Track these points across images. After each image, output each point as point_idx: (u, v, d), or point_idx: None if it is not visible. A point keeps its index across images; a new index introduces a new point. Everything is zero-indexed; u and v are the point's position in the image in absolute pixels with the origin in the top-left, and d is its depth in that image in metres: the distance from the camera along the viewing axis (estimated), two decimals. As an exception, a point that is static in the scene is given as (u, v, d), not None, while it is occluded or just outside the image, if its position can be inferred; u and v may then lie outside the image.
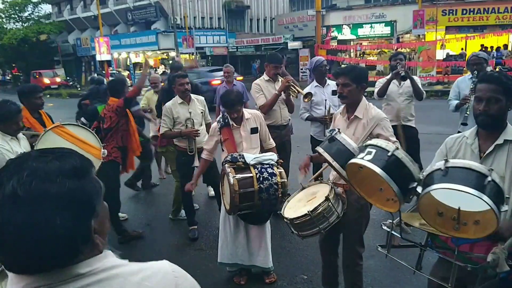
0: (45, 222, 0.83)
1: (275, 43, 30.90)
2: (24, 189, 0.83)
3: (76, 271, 0.89)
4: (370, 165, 2.15)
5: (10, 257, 0.86)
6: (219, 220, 3.81)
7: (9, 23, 40.41)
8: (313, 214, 2.74)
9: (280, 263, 4.01)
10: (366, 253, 3.29)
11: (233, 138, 3.72)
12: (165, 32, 32.78)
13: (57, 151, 0.93)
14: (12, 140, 3.39)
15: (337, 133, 2.71)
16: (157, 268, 0.99)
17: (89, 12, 39.73)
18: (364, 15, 24.96)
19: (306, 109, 5.09)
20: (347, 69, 3.08)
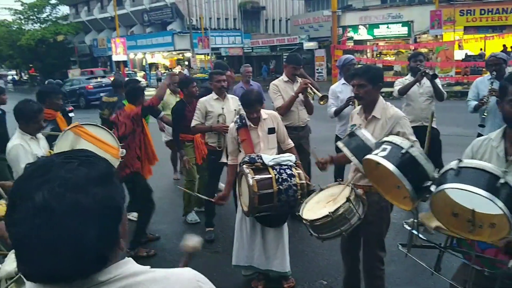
0: (79, 234, 0.80)
1: (291, 43, 30.86)
2: (58, 201, 0.79)
3: (96, 279, 0.86)
4: (383, 162, 2.16)
5: (36, 268, 0.82)
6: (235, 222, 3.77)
7: (28, 24, 41.22)
8: (334, 215, 2.69)
9: (299, 268, 3.94)
10: (387, 257, 3.20)
11: (250, 138, 3.67)
12: (181, 33, 33.05)
13: (80, 155, 0.90)
14: (31, 140, 3.40)
15: (357, 128, 2.72)
16: (180, 276, 0.96)
17: (106, 13, 40.28)
18: (381, 15, 24.76)
19: (334, 105, 5.00)
20: (362, 70, 3.03)
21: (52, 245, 0.79)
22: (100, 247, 0.84)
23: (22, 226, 0.80)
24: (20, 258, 0.84)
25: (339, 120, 5.11)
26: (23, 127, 3.40)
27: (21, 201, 0.81)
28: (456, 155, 2.49)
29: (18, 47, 38.39)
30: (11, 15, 41.14)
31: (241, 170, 3.40)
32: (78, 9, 45.79)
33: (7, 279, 1.96)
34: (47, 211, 0.79)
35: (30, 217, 0.79)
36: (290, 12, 40.04)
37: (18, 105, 3.46)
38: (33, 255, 0.81)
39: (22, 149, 3.25)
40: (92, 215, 0.82)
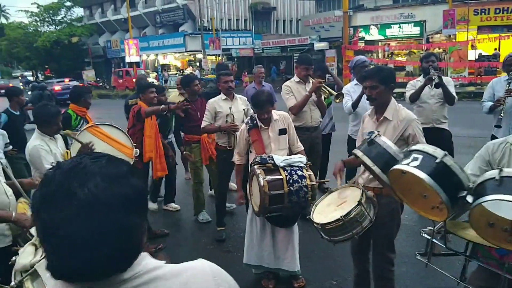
0: (124, 223, 0.85)
1: (301, 44, 30.78)
2: (105, 193, 0.83)
3: (120, 277, 0.88)
4: (417, 173, 2.07)
5: (77, 266, 0.83)
6: (246, 222, 3.80)
7: (43, 26, 41.80)
8: (346, 219, 2.68)
9: (309, 268, 3.96)
10: (398, 259, 3.21)
11: (261, 139, 3.70)
12: (193, 34, 33.20)
13: (102, 155, 0.94)
14: (50, 140, 3.48)
15: (376, 136, 2.63)
16: (196, 268, 0.99)
17: (119, 15, 40.67)
18: (392, 15, 24.56)
19: (350, 100, 4.99)
20: (374, 71, 3.02)
21: (99, 239, 0.81)
22: (139, 236, 0.89)
23: (69, 225, 0.81)
24: (59, 257, 0.84)
25: (352, 120, 5.11)
26: (42, 129, 3.49)
27: (63, 200, 0.82)
28: (469, 157, 2.49)
29: (35, 48, 38.95)
30: (27, 17, 41.92)
31: (253, 170, 3.44)
32: (92, 11, 46.31)
33: (22, 272, 1.97)
34: (94, 206, 0.82)
35: (76, 213, 0.81)
36: (301, 13, 39.93)
37: (37, 109, 3.57)
38: (78, 252, 0.82)
39: (42, 149, 3.33)
40: (133, 203, 0.87)
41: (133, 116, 4.77)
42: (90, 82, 36.50)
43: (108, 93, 30.28)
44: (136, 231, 0.88)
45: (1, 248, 2.66)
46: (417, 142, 2.80)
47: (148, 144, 4.68)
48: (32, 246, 2.03)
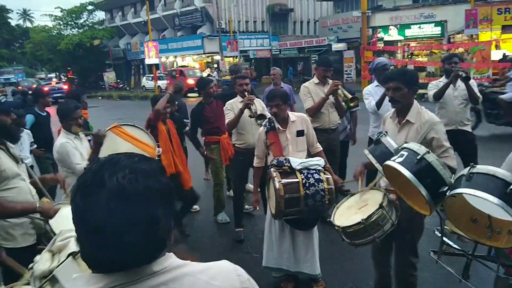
0: (150, 215, 0.89)
1: (319, 45, 30.65)
2: (132, 185, 0.88)
3: (150, 269, 0.92)
4: (399, 167, 2.20)
5: (108, 254, 0.88)
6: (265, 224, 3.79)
7: (66, 30, 42.68)
8: (367, 222, 2.65)
9: (329, 271, 3.92)
10: (421, 264, 3.15)
11: (279, 141, 3.68)
12: (210, 36, 33.43)
13: (137, 155, 0.99)
14: (75, 139, 3.55)
15: (383, 135, 2.72)
16: (220, 267, 1.03)
17: (139, 18, 41.22)
18: (412, 15, 24.22)
19: (373, 99, 4.92)
20: (398, 73, 3.00)
21: (127, 226, 0.86)
22: (165, 229, 0.92)
23: (98, 212, 0.86)
24: (91, 244, 0.89)
25: (373, 121, 5.05)
26: (65, 126, 3.57)
27: (95, 189, 0.88)
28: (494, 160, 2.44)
29: (58, 51, 39.80)
30: (51, 21, 42.80)
31: (269, 173, 3.42)
32: (113, 14, 47.10)
33: (41, 278, 1.99)
34: (122, 195, 0.87)
35: (106, 201, 0.86)
36: (319, 14, 39.72)
37: (58, 106, 3.68)
38: (108, 239, 0.87)
39: (70, 146, 3.40)
40: (159, 198, 0.91)
41: (147, 122, 4.64)
42: (110, 83, 37.11)
43: (128, 94, 30.71)
44: (160, 225, 0.90)
45: (27, 246, 2.73)
46: (440, 145, 2.77)
47: (164, 159, 4.46)
48: (48, 253, 2.06)
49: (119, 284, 0.89)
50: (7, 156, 2.69)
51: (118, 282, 0.89)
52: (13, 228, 2.70)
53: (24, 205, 2.64)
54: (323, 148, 3.98)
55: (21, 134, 4.70)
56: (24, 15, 73.17)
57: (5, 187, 2.63)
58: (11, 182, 2.67)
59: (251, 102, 4.41)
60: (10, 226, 2.69)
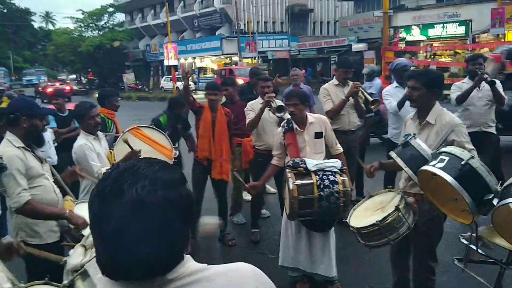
0: (167, 227, 0.88)
1: (339, 45, 30.43)
2: (150, 196, 0.87)
3: (165, 277, 0.91)
4: (441, 173, 2.10)
5: (122, 263, 0.87)
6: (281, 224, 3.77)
7: (87, 32, 43.64)
8: (382, 224, 2.63)
9: (345, 273, 3.87)
10: (439, 268, 3.09)
11: (296, 142, 3.66)
12: (229, 38, 33.56)
13: (158, 162, 0.98)
14: (94, 140, 3.60)
15: (412, 138, 2.65)
16: (238, 270, 1.01)
17: (158, 19, 41.76)
18: (436, 15, 23.77)
19: (393, 99, 4.83)
20: (419, 72, 2.97)
21: (143, 238, 0.86)
22: (180, 241, 0.92)
23: (115, 221, 0.86)
24: (106, 252, 0.89)
25: (392, 123, 4.98)
26: (83, 126, 3.62)
27: (114, 198, 0.88)
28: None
29: (79, 53, 40.66)
30: (73, 23, 43.90)
31: (285, 174, 3.41)
32: (133, 16, 47.86)
33: (73, 272, 2.06)
34: (140, 207, 0.86)
35: (124, 211, 0.86)
36: (339, 14, 39.41)
37: (75, 107, 3.76)
38: (123, 249, 0.86)
39: (88, 148, 3.46)
40: (178, 209, 0.90)
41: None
42: (130, 85, 37.66)
43: (147, 95, 31.13)
44: (177, 237, 0.90)
45: (51, 243, 2.83)
46: (462, 147, 2.68)
47: (200, 143, 4.63)
48: (81, 247, 2.13)
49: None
50: (32, 156, 2.81)
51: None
52: (37, 225, 2.81)
53: (54, 210, 2.77)
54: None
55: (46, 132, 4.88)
56: (47, 17, 75.02)
57: (31, 185, 2.73)
58: (37, 181, 2.77)
59: (271, 100, 4.36)
60: (35, 223, 2.80)
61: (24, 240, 2.78)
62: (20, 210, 2.65)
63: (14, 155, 2.65)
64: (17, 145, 2.72)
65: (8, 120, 2.78)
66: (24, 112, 2.76)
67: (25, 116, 2.74)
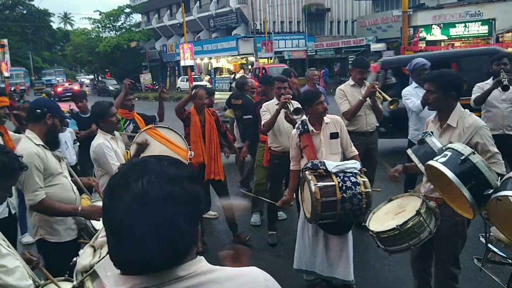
0: (170, 221, 0.89)
1: (357, 45, 30.16)
2: (155, 190, 0.88)
3: (176, 274, 0.92)
4: (441, 167, 2.15)
5: (128, 255, 0.90)
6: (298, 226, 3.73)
7: (105, 32, 44.25)
8: (402, 228, 2.59)
9: (363, 278, 3.80)
10: (463, 274, 2.99)
11: (312, 144, 3.61)
12: (245, 38, 33.56)
13: (169, 158, 1.00)
14: (111, 139, 3.63)
15: (427, 135, 2.65)
16: (249, 275, 1.00)
17: (174, 20, 42.09)
18: (457, 14, 23.32)
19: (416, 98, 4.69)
20: (434, 76, 2.88)
21: (146, 230, 0.87)
22: (185, 237, 0.91)
23: (120, 212, 0.89)
24: (114, 244, 0.92)
25: (413, 124, 4.87)
26: (103, 126, 3.64)
27: (121, 190, 0.91)
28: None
29: (96, 53, 41.33)
30: (90, 24, 44.61)
31: (304, 176, 3.36)
32: (150, 17, 48.34)
33: (83, 272, 2.08)
34: (144, 199, 0.88)
35: (129, 204, 0.88)
36: (357, 13, 39.04)
37: (92, 107, 3.78)
38: (127, 241, 0.89)
39: (106, 147, 3.49)
40: (182, 205, 0.91)
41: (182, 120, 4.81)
42: (146, 85, 38.00)
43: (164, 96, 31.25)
44: (180, 233, 0.90)
45: (69, 241, 2.91)
46: (486, 150, 2.63)
47: (194, 149, 4.58)
48: (90, 248, 2.15)
49: (144, 287, 0.90)
50: (51, 154, 2.88)
51: (142, 285, 0.90)
52: (57, 223, 2.88)
53: (67, 207, 2.83)
54: (360, 153, 3.90)
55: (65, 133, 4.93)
56: (65, 18, 76.48)
57: (50, 183, 2.81)
58: (55, 179, 2.85)
59: (288, 101, 4.29)
60: (54, 222, 2.87)
61: (43, 237, 2.88)
62: (35, 207, 2.73)
63: (34, 152, 2.71)
64: (37, 142, 2.78)
65: (33, 116, 2.85)
66: (50, 110, 2.85)
67: (50, 113, 2.83)
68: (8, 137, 3.58)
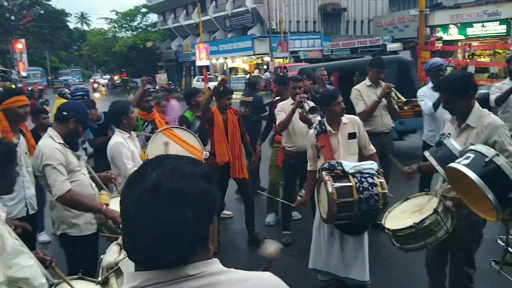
0: (177, 215, 0.89)
1: (373, 45, 29.88)
2: (166, 181, 0.90)
3: (185, 272, 0.92)
4: (465, 170, 2.12)
5: (136, 246, 0.92)
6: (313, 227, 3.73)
7: (121, 32, 44.72)
8: (419, 226, 2.59)
9: (378, 278, 3.77)
10: (478, 275, 2.97)
11: (330, 144, 3.60)
12: (261, 38, 33.55)
13: (187, 157, 1.02)
14: (128, 138, 3.70)
15: (445, 137, 2.63)
16: (262, 279, 0.99)
17: (190, 20, 42.30)
18: (475, 13, 22.93)
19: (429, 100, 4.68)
20: (446, 84, 2.82)
21: (152, 221, 0.88)
22: (192, 234, 0.91)
23: (131, 202, 0.91)
24: (125, 234, 0.94)
25: (428, 125, 4.84)
26: (122, 125, 3.71)
27: (135, 182, 0.93)
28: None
29: (113, 53, 41.77)
30: (107, 24, 45.14)
31: (320, 176, 3.36)
32: (166, 17, 48.69)
33: (108, 269, 2.14)
34: (155, 189, 0.89)
35: (140, 193, 0.90)
36: (373, 13, 38.67)
37: (110, 107, 3.84)
38: (135, 231, 0.90)
39: (123, 146, 3.56)
40: (191, 201, 0.90)
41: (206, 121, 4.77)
42: (162, 85, 38.30)
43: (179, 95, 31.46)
44: (186, 229, 0.89)
45: (89, 235, 3.03)
46: (504, 149, 2.59)
47: (218, 148, 4.59)
48: (117, 246, 2.20)
49: (153, 283, 0.91)
50: (70, 152, 2.99)
51: (152, 281, 0.91)
52: (77, 218, 2.99)
53: (91, 203, 2.94)
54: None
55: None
56: (82, 18, 77.52)
57: (70, 179, 2.90)
58: (75, 175, 2.95)
59: (303, 100, 4.30)
60: (74, 216, 2.98)
61: (65, 232, 3.00)
62: (62, 198, 2.81)
63: (56, 148, 2.84)
64: (58, 140, 2.91)
65: (59, 116, 3.00)
66: (76, 115, 2.99)
67: (75, 118, 2.97)
68: (29, 135, 3.68)
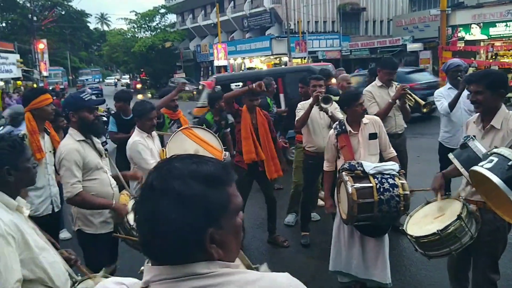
0: (162, 214, 0.90)
1: (393, 45, 29.48)
2: (158, 182, 0.93)
3: (195, 270, 0.92)
4: (487, 174, 2.10)
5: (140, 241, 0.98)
6: (333, 228, 3.70)
7: (140, 33, 45.23)
8: (443, 233, 2.53)
9: (398, 281, 3.75)
10: (502, 281, 2.94)
11: (350, 145, 3.58)
12: (279, 38, 33.49)
13: (201, 157, 1.01)
14: (148, 138, 3.75)
15: (470, 139, 2.59)
16: (275, 280, 0.94)
17: (209, 20, 42.50)
18: (498, 13, 22.37)
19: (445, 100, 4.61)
20: (480, 75, 2.80)
21: (144, 219, 0.94)
22: (178, 234, 0.90)
23: (142, 204, 0.96)
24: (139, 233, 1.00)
25: (444, 126, 4.79)
26: (139, 125, 3.78)
27: (147, 185, 0.97)
28: None
29: (132, 53, 42.23)
30: (126, 24, 45.74)
31: (340, 177, 3.34)
32: (184, 17, 49.03)
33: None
34: (150, 189, 0.94)
35: (141, 193, 0.98)
36: (393, 13, 38.13)
37: (135, 106, 3.91)
38: (138, 227, 0.98)
39: (141, 145, 3.62)
40: (180, 203, 0.90)
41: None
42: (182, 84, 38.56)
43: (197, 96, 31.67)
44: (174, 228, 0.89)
45: (105, 233, 3.05)
46: None
47: (245, 145, 4.56)
48: None
49: (162, 278, 0.92)
50: (92, 149, 2.99)
51: (161, 276, 0.92)
52: (93, 216, 3.01)
53: (102, 201, 2.94)
54: None
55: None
56: (102, 19, 78.79)
57: (88, 177, 2.93)
58: (94, 174, 2.96)
59: (320, 95, 4.28)
60: (90, 214, 3.01)
61: (80, 228, 3.03)
62: (71, 200, 2.86)
63: (73, 148, 2.87)
64: (77, 138, 2.93)
65: (66, 117, 3.09)
66: (70, 108, 2.98)
67: (71, 111, 2.95)
68: (53, 132, 3.69)
